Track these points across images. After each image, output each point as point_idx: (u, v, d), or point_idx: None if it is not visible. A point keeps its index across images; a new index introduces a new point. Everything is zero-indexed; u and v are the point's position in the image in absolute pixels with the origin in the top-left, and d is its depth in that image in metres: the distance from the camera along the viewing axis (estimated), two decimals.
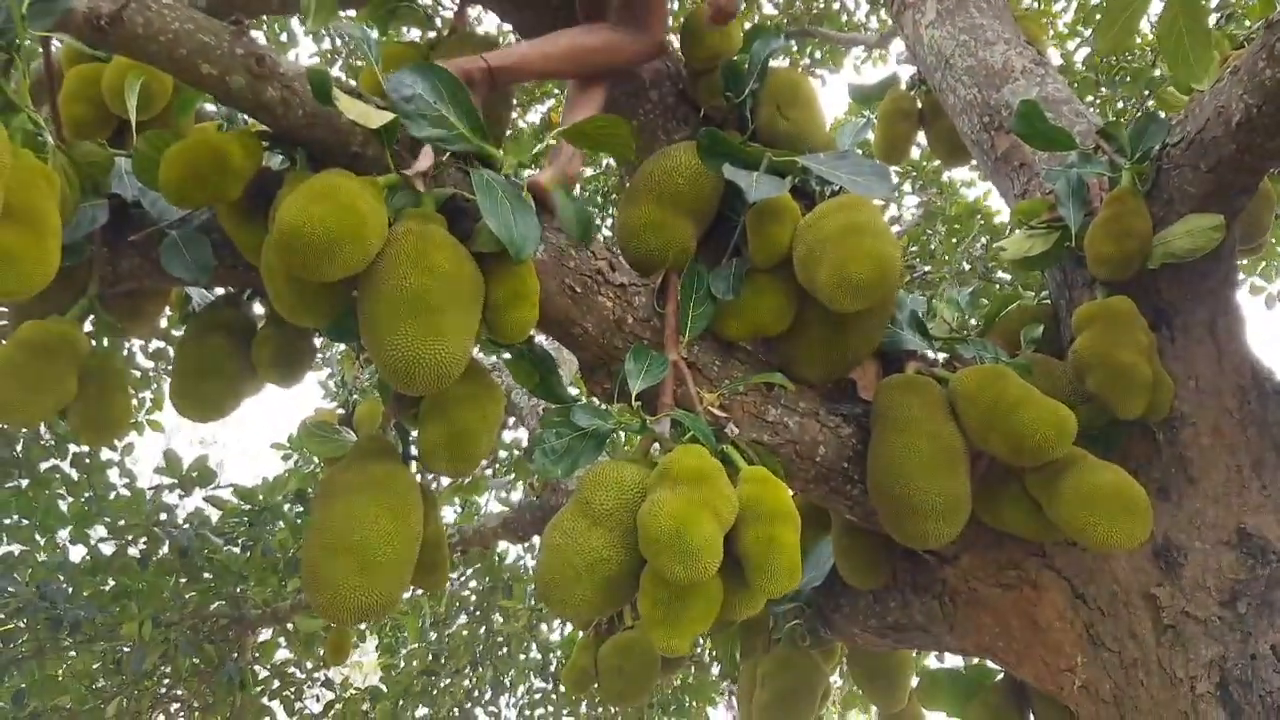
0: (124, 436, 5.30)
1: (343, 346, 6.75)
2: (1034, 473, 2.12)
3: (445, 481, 5.78)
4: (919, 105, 3.40)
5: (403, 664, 6.35)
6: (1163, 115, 2.35)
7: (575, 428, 1.99)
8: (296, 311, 1.88)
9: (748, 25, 2.59)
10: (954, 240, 6.35)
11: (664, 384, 2.08)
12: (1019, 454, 2.05)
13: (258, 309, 2.37)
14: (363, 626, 6.35)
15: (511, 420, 5.89)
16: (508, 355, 2.23)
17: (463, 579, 6.35)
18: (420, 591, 6.10)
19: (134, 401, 5.95)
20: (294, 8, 2.90)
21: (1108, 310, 2.23)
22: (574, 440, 1.99)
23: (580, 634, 3.80)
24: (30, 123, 1.65)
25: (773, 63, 2.53)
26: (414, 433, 2.16)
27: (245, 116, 2.07)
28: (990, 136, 2.83)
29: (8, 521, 5.61)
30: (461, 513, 6.49)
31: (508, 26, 3.14)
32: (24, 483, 5.69)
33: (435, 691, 6.44)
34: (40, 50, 1.91)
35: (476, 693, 6.75)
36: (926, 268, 6.41)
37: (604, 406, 2.08)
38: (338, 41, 6.62)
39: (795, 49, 6.49)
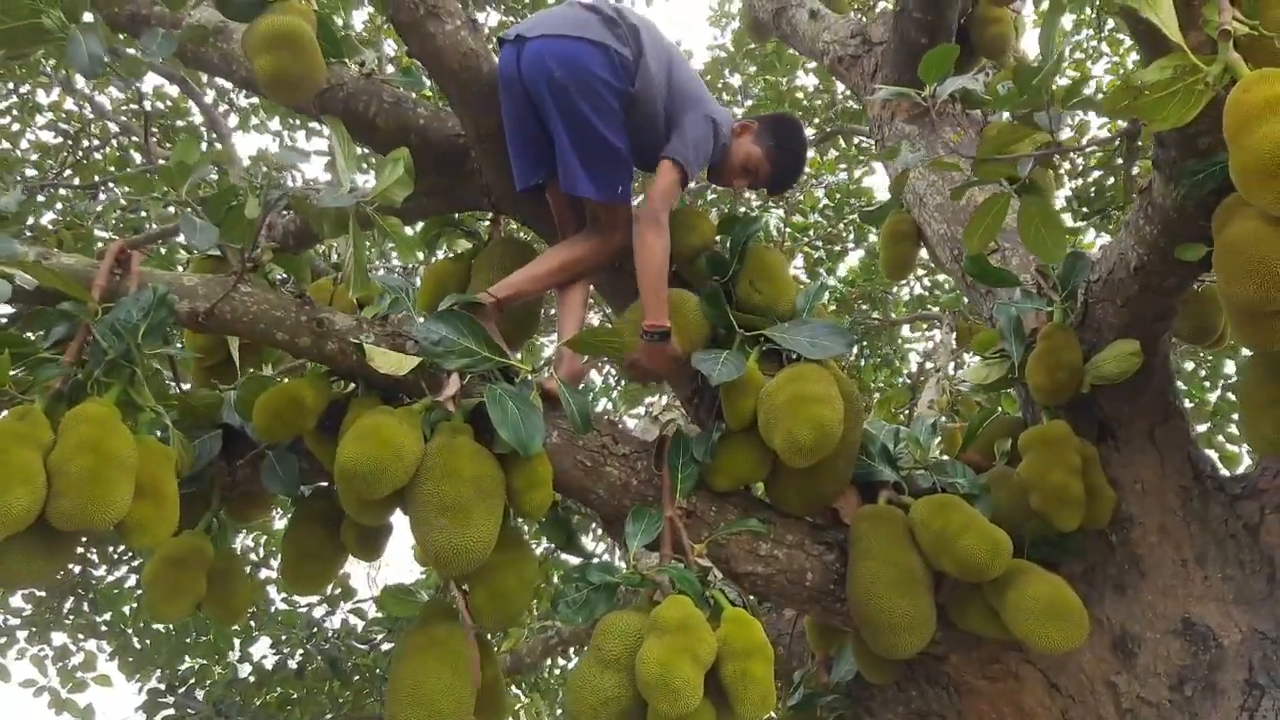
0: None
1: None
2: (988, 585, 2.47)
3: None
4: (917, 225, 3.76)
5: None
6: (1085, 254, 2.69)
7: (589, 583, 2.45)
8: (363, 516, 2.42)
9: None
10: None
11: (663, 537, 2.53)
12: (965, 574, 2.42)
13: None
14: None
15: None
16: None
17: None
18: None
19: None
20: None
21: (1044, 436, 2.58)
22: (590, 593, 2.45)
23: None
24: (152, 414, 2.23)
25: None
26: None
27: None
28: (960, 267, 3.20)
29: (188, 640, 6.41)
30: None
31: None
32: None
33: None
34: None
35: None
36: (875, 315, 6.93)
37: (616, 561, 2.54)
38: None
39: (843, 144, 6.91)
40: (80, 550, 6.23)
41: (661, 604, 2.29)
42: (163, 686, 5.72)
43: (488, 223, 3.27)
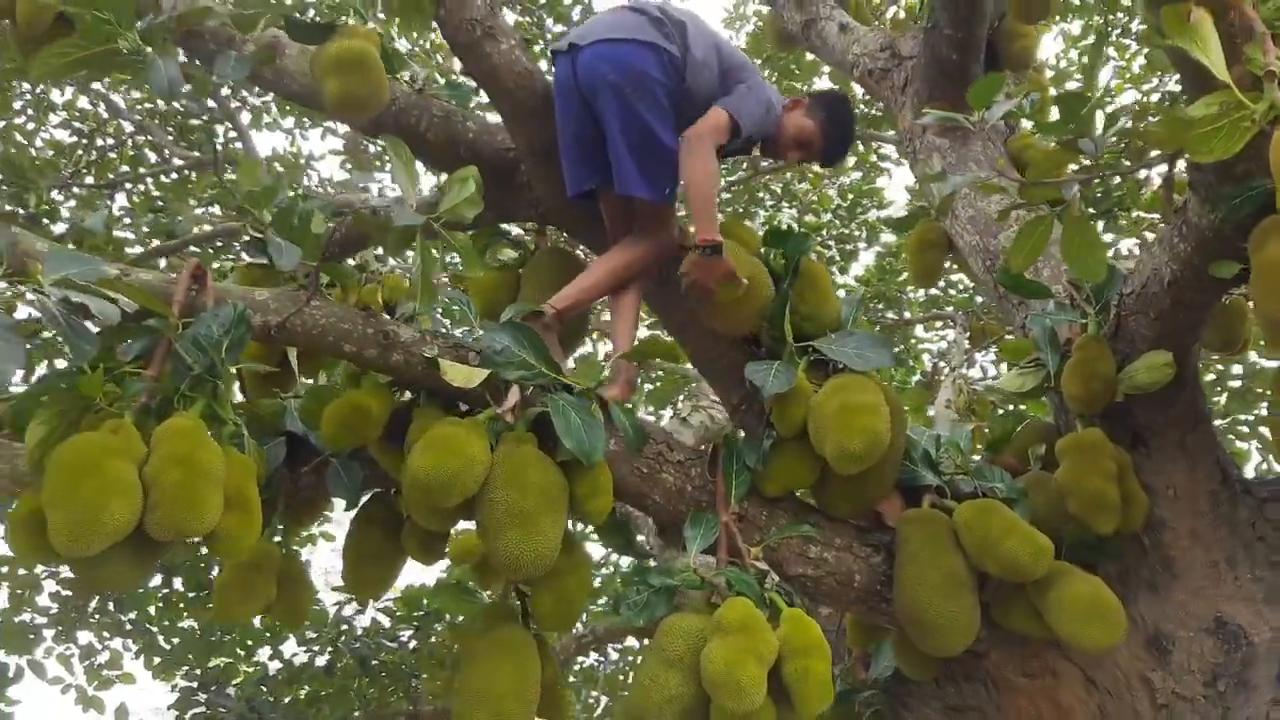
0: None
1: None
2: (1031, 586, 2.58)
3: None
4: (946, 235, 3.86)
5: None
6: (1118, 268, 2.79)
7: (650, 585, 2.55)
8: (431, 523, 2.52)
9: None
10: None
11: (719, 541, 2.63)
12: (1008, 575, 2.53)
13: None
14: None
15: None
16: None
17: None
18: None
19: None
20: None
21: (1080, 443, 2.68)
22: (651, 595, 2.55)
23: None
24: (233, 426, 2.32)
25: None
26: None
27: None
28: (992, 277, 3.30)
29: (212, 639, 6.51)
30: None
31: None
32: None
33: None
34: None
35: None
36: (890, 314, 7.08)
37: (676, 561, 2.64)
38: None
39: (861, 149, 7.03)
40: None
41: (723, 606, 2.39)
42: (194, 685, 5.82)
43: (533, 234, 3.36)
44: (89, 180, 7.75)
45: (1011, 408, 5.18)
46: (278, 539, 2.84)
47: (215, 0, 2.70)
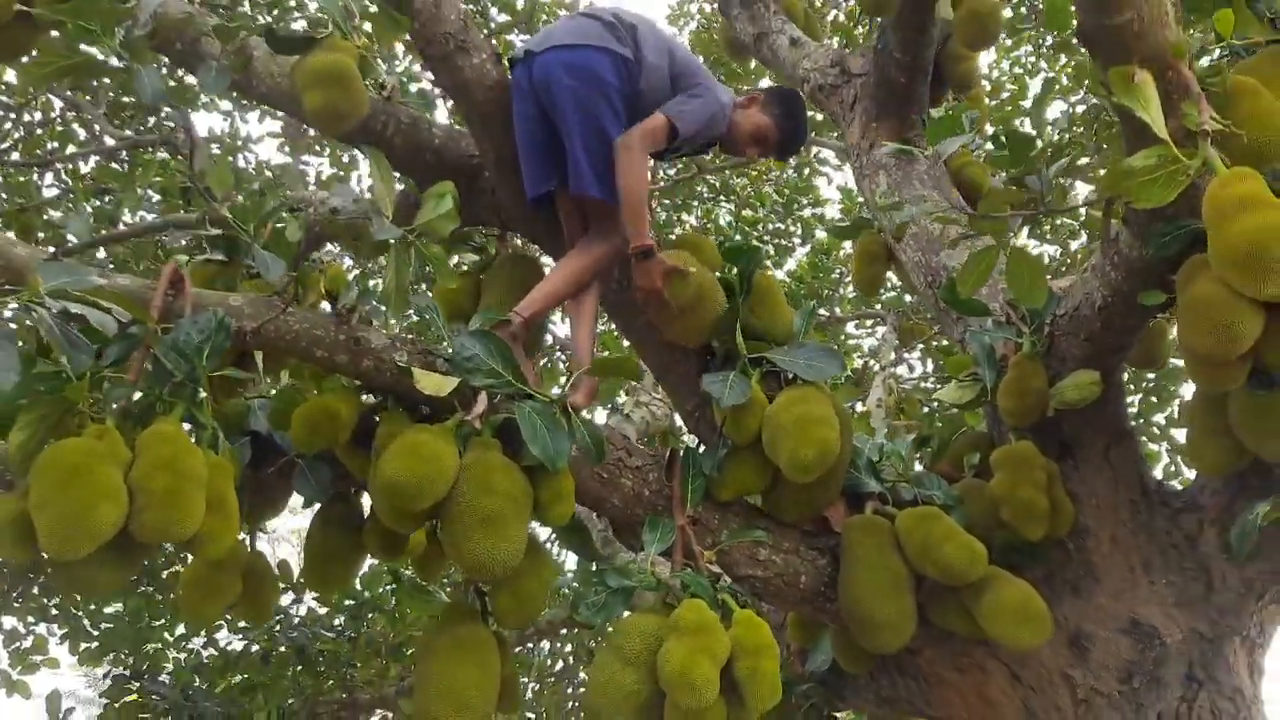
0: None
1: None
2: (965, 588, 2.75)
3: None
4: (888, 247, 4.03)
5: None
6: (1054, 290, 2.97)
7: (608, 586, 2.67)
8: (400, 525, 2.59)
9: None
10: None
11: (675, 544, 2.76)
12: (945, 578, 2.70)
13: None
14: None
15: None
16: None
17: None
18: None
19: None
20: None
21: (1012, 455, 2.87)
22: (608, 596, 2.67)
23: None
24: (211, 430, 2.37)
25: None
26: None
27: None
28: (934, 293, 3.47)
29: (139, 626, 6.46)
30: None
31: None
32: (151, 589, 6.55)
33: None
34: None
35: None
36: (822, 310, 7.36)
37: (631, 563, 2.76)
38: None
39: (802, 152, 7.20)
40: None
41: (680, 607, 2.51)
42: (127, 673, 5.79)
43: (495, 240, 3.44)
44: (14, 157, 7.58)
45: (936, 406, 5.42)
46: (243, 535, 2.89)
47: (189, 8, 2.73)
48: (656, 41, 3.13)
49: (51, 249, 3.84)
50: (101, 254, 5.77)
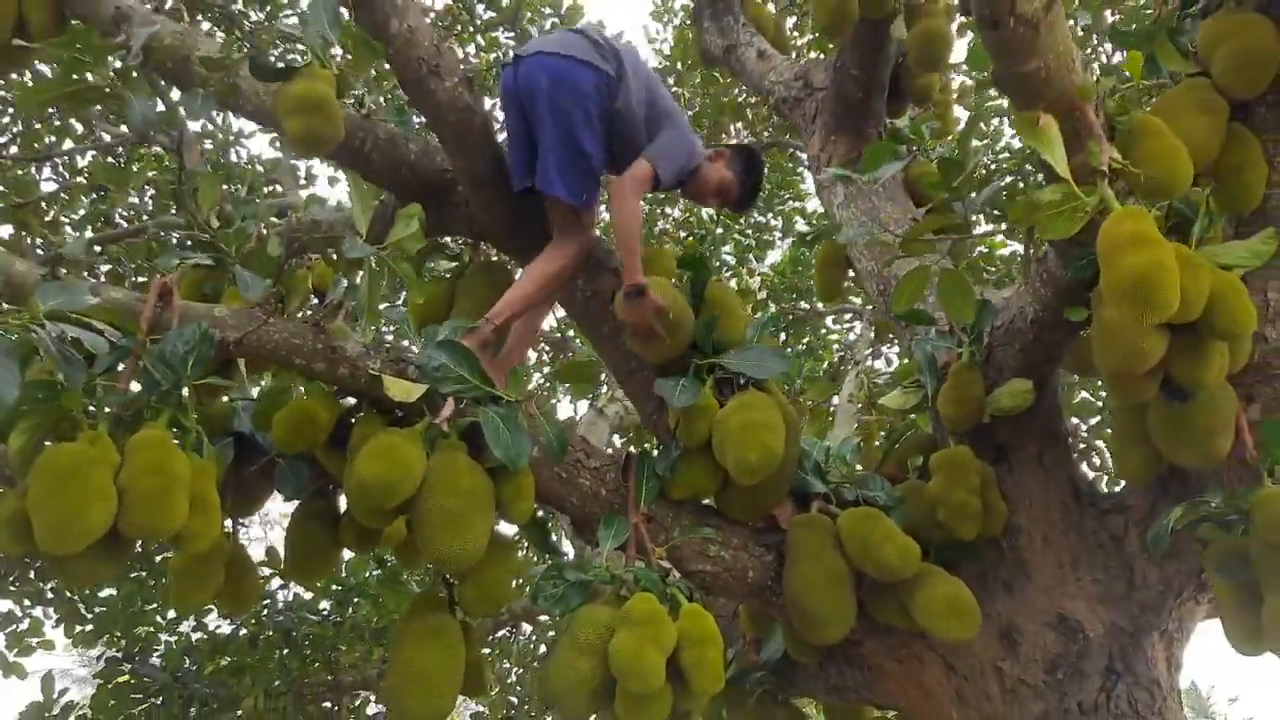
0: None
1: None
2: (901, 585, 2.95)
3: None
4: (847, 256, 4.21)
5: (487, 712, 7.30)
6: (992, 303, 3.15)
7: (566, 580, 2.86)
8: (372, 522, 2.78)
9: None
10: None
11: (629, 541, 2.95)
12: (882, 575, 2.89)
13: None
14: None
15: None
16: None
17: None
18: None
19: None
20: None
21: (949, 459, 3.05)
22: (566, 588, 2.86)
23: None
24: (195, 434, 2.56)
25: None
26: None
27: None
28: (885, 301, 3.65)
29: (131, 610, 6.65)
30: None
31: None
32: (144, 573, 6.74)
33: None
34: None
35: None
36: (802, 304, 7.53)
37: (589, 556, 2.95)
38: None
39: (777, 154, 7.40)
40: None
41: (631, 600, 2.71)
42: (119, 654, 5.99)
43: (468, 248, 3.62)
44: (13, 150, 7.72)
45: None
46: (226, 530, 3.07)
47: (179, 28, 2.90)
48: (639, 70, 3.33)
49: (47, 262, 3.99)
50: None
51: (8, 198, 6.36)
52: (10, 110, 7.89)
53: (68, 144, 7.52)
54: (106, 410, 2.43)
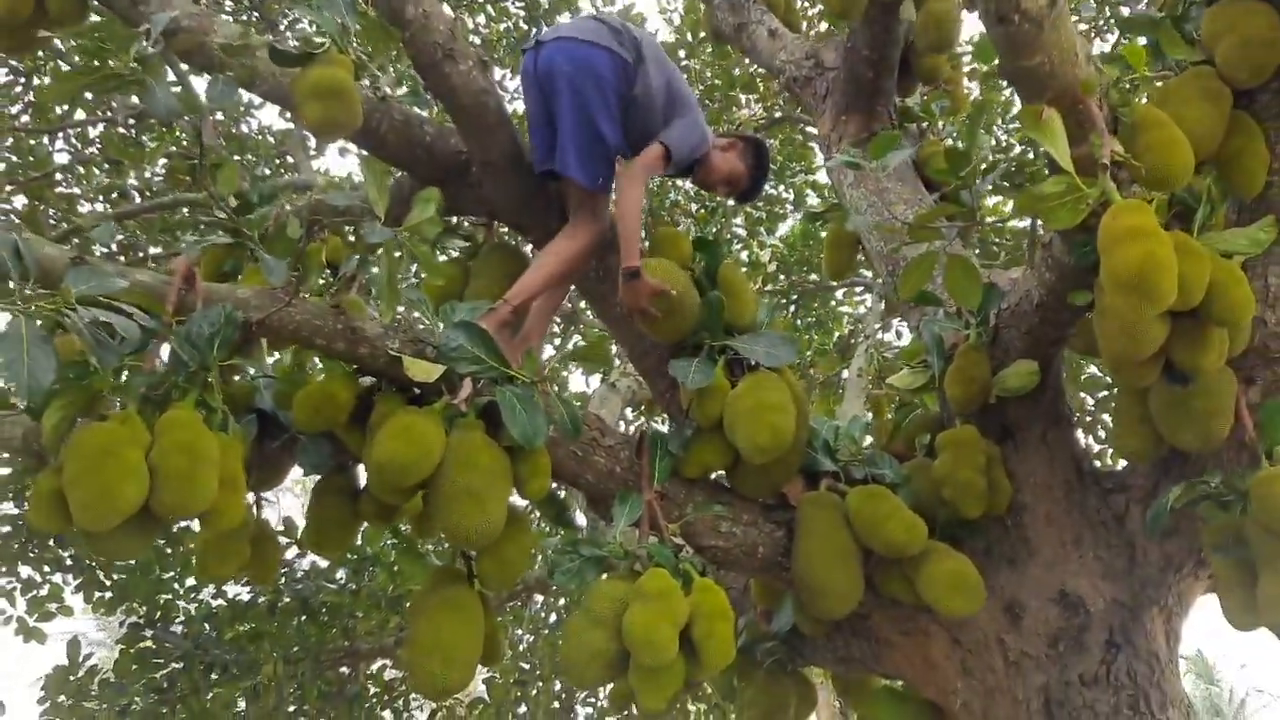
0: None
1: None
2: (907, 561, 3.02)
3: None
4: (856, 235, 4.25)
5: (499, 678, 7.42)
6: (999, 285, 3.20)
7: (582, 555, 2.94)
8: (391, 499, 2.87)
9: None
10: None
11: (642, 517, 3.02)
12: (888, 552, 2.97)
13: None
14: None
15: None
16: None
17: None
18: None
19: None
20: None
21: (955, 439, 3.12)
22: (582, 563, 2.94)
23: None
24: (221, 413, 2.63)
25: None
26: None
27: None
28: (893, 281, 3.70)
29: (152, 577, 6.78)
30: None
31: None
32: (163, 543, 6.86)
33: (529, 699, 7.51)
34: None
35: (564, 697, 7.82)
36: (813, 276, 7.60)
37: (604, 531, 3.03)
38: None
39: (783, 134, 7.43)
40: None
41: (644, 575, 2.79)
42: (140, 620, 6.12)
43: (482, 229, 3.68)
44: (25, 119, 7.78)
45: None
46: (250, 504, 3.16)
47: (196, 9, 2.95)
48: (659, 62, 3.39)
49: (64, 236, 4.06)
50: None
51: (23, 170, 6.44)
52: (22, 80, 7.96)
53: (79, 115, 7.62)
54: (135, 390, 2.50)
